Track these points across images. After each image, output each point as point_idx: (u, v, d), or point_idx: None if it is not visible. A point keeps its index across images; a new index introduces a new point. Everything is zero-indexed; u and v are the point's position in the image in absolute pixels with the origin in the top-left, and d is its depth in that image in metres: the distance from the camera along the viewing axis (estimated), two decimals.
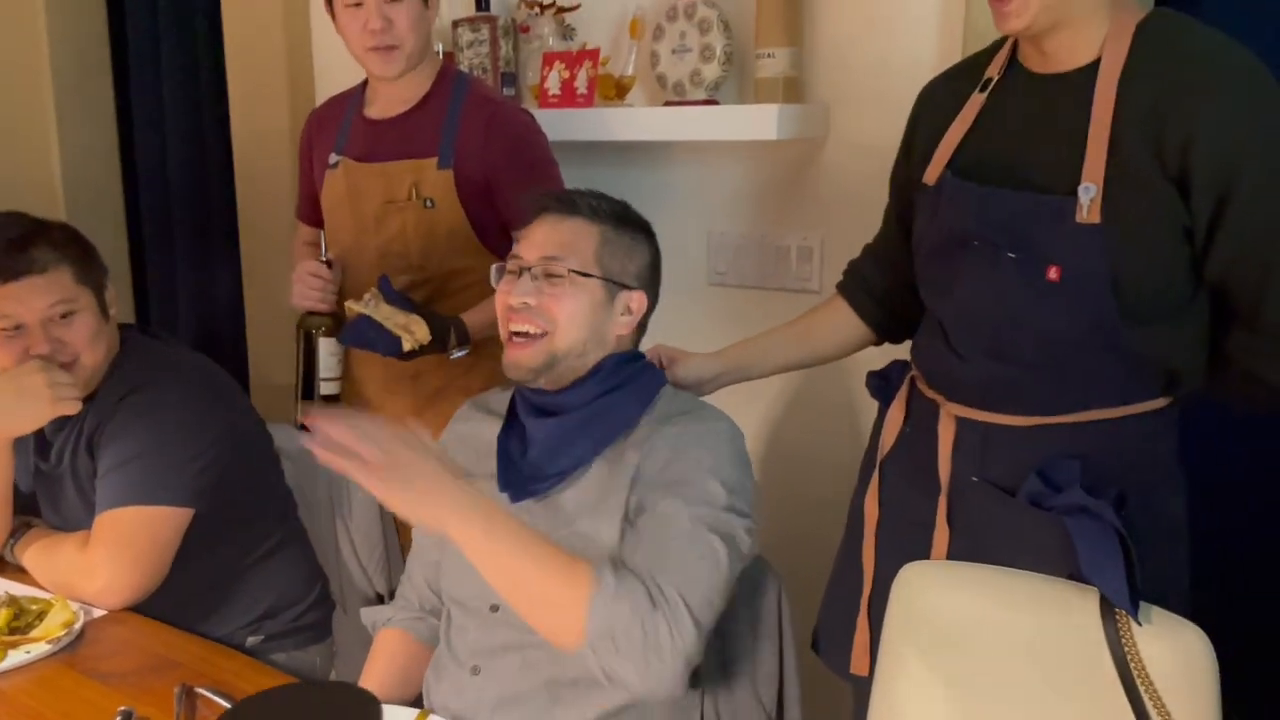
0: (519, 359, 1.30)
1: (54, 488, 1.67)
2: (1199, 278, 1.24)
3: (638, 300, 1.34)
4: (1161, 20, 1.23)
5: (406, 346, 1.68)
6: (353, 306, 1.71)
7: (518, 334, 1.31)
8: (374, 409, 1.94)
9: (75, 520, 1.63)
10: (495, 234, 1.87)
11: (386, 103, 1.90)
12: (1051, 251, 1.22)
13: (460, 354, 1.79)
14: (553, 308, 1.29)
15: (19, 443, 1.63)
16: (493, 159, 1.81)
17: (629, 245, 1.34)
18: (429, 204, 1.83)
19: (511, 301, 1.31)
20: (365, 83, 1.95)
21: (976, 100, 1.35)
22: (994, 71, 1.35)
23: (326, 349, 1.82)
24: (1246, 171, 1.16)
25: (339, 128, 1.95)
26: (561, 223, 1.33)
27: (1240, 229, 1.18)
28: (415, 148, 1.84)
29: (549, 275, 1.30)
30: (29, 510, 1.70)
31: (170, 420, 1.57)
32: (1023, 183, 1.25)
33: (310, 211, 2.05)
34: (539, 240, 1.33)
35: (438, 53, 2.09)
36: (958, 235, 1.31)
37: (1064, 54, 1.26)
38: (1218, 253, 1.20)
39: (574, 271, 1.29)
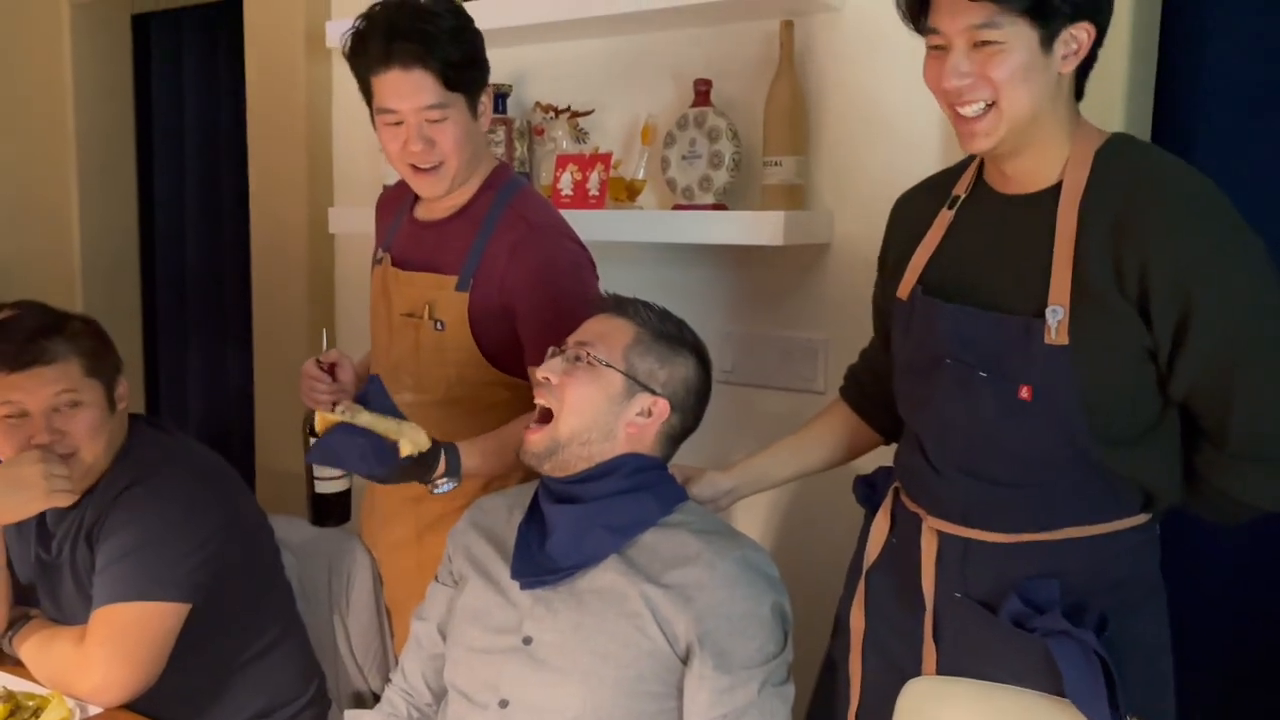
0: (529, 443, 1.36)
1: (53, 579, 1.67)
2: (1166, 397, 1.25)
3: (660, 406, 1.37)
4: (1120, 145, 1.26)
5: (405, 452, 1.41)
6: (326, 416, 1.42)
7: (538, 420, 1.37)
8: (384, 528, 1.86)
9: (73, 612, 1.63)
10: (511, 357, 1.67)
11: (430, 205, 1.76)
12: (1022, 371, 1.23)
13: (447, 487, 1.52)
14: (566, 388, 1.34)
15: (22, 532, 1.63)
16: (512, 285, 1.64)
17: (664, 354, 1.38)
18: (439, 326, 1.68)
19: (538, 375, 1.37)
20: None
21: (945, 216, 1.37)
22: (961, 189, 1.37)
23: None
24: (1203, 296, 1.17)
25: (394, 219, 1.84)
26: (606, 320, 1.41)
27: (1200, 351, 1.19)
28: (442, 261, 1.69)
29: (577, 359, 1.36)
30: (29, 601, 1.70)
31: (169, 514, 1.57)
32: (990, 302, 1.27)
33: None
34: (581, 331, 1.41)
35: (495, 153, 1.98)
36: (930, 352, 1.32)
37: (1024, 177, 1.28)
38: (1180, 374, 1.21)
39: (596, 358, 1.34)
